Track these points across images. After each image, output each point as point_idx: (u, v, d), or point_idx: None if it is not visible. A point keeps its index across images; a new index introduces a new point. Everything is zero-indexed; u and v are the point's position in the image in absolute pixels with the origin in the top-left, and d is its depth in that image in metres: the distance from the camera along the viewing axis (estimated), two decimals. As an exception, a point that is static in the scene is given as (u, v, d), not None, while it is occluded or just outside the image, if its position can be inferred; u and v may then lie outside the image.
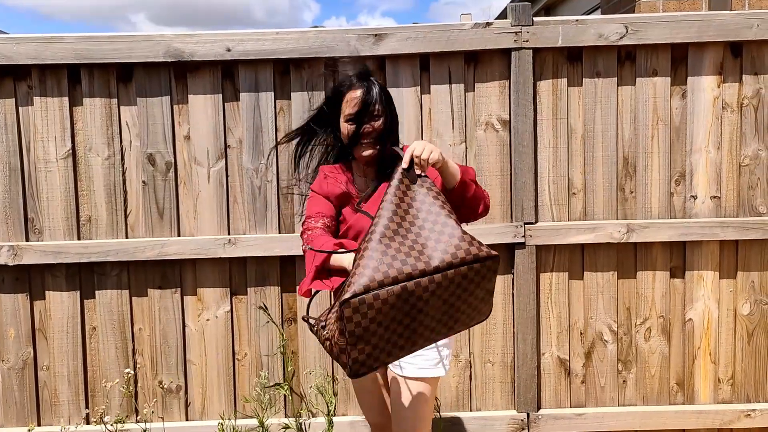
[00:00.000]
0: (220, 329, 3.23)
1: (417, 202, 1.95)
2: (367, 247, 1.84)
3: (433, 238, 1.89)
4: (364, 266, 1.79)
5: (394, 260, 1.81)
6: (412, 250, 1.85)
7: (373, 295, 1.75)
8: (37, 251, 3.10)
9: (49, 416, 3.23)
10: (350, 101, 2.21)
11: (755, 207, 3.19)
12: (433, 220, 1.92)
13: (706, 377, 3.28)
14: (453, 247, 1.87)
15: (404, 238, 1.88)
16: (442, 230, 1.90)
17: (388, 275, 1.77)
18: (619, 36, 3.07)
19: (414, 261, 1.82)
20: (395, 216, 1.91)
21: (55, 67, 3.08)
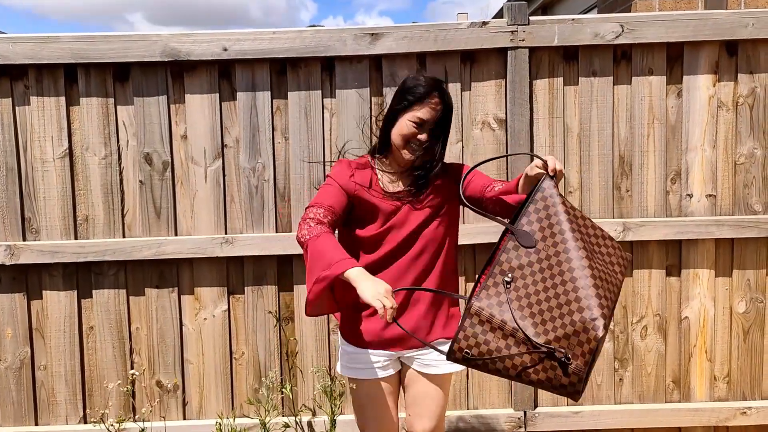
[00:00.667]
0: (217, 328, 3.23)
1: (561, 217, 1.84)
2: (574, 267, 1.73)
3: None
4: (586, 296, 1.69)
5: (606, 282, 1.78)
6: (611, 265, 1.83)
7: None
8: (34, 251, 3.10)
9: (46, 416, 3.23)
10: (426, 106, 2.17)
11: (751, 205, 3.20)
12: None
13: (702, 375, 3.29)
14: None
15: (597, 253, 1.82)
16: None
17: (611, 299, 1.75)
18: (614, 35, 3.08)
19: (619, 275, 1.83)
20: (577, 232, 1.81)
21: (52, 67, 3.08)
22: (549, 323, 1.70)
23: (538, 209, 1.83)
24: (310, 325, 3.23)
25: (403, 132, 2.19)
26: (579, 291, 1.69)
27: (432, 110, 2.17)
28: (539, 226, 1.82)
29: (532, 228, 1.81)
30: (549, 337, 1.69)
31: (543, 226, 1.81)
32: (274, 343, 3.24)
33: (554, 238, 1.78)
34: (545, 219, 1.82)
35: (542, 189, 1.85)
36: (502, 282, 1.78)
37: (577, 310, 1.68)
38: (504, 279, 1.78)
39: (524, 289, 1.75)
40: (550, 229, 1.80)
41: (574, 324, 1.66)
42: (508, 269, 1.78)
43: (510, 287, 1.76)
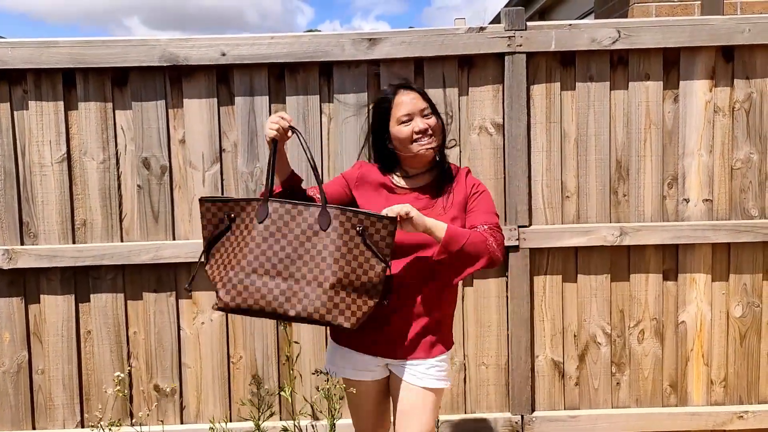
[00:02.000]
0: (215, 332, 3.23)
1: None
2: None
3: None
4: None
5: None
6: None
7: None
8: (32, 255, 3.10)
9: (43, 420, 3.23)
10: (400, 105, 2.23)
11: (747, 210, 3.21)
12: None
13: (699, 379, 3.29)
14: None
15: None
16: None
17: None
18: (611, 40, 3.10)
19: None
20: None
21: (51, 72, 3.09)
22: (213, 268, 2.22)
23: (288, 211, 2.10)
24: (308, 329, 3.23)
25: (402, 135, 2.22)
26: (231, 266, 2.11)
27: (409, 101, 2.23)
28: (273, 218, 2.10)
29: (271, 212, 2.10)
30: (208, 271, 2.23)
31: (272, 219, 2.10)
32: (271, 347, 3.24)
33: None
34: (278, 218, 2.09)
35: (306, 207, 2.10)
36: (225, 215, 2.16)
37: (225, 278, 2.13)
38: (226, 214, 2.15)
39: (225, 235, 2.17)
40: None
41: (213, 276, 2.19)
42: (236, 213, 2.14)
43: (226, 226, 2.17)
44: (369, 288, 2.06)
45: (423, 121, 2.22)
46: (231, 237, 2.13)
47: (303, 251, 2.05)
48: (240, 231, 2.11)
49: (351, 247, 2.05)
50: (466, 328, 3.26)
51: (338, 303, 2.03)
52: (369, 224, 2.05)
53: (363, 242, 2.05)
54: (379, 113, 2.30)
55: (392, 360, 2.28)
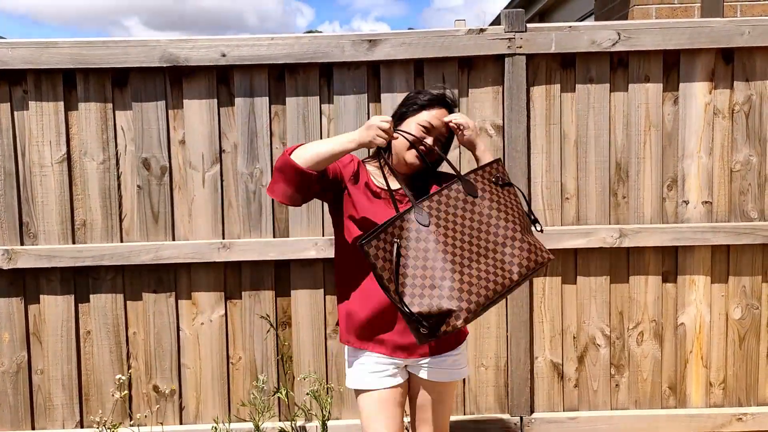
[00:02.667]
0: (214, 333, 3.23)
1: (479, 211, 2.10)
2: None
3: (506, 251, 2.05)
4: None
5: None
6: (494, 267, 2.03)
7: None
8: (32, 255, 3.10)
9: (43, 420, 3.23)
10: (436, 115, 2.19)
11: (746, 212, 3.21)
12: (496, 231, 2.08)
13: (698, 381, 3.30)
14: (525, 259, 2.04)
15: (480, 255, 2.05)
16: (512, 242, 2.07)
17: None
18: (611, 42, 3.10)
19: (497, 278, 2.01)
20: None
21: (51, 72, 3.09)
22: (418, 298, 1.94)
23: (439, 202, 2.06)
24: (307, 330, 3.23)
25: (410, 131, 2.18)
26: (435, 280, 1.95)
27: (443, 120, 2.21)
28: (434, 215, 2.04)
29: (429, 212, 2.04)
30: (421, 309, 1.93)
31: (434, 217, 2.03)
32: (271, 348, 3.24)
33: (435, 232, 2.02)
34: (438, 212, 2.04)
35: (449, 188, 2.09)
36: (390, 242, 1.99)
37: (446, 297, 1.93)
38: (393, 240, 1.99)
39: (404, 258, 1.99)
40: (438, 222, 2.04)
41: (438, 308, 1.92)
42: (398, 236, 2.00)
43: (399, 251, 1.99)
44: (527, 222, 2.14)
45: (430, 142, 2.19)
46: (410, 260, 1.99)
47: (477, 224, 2.04)
48: (415, 247, 1.99)
49: (502, 197, 2.11)
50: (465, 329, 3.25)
51: (532, 243, 2.06)
52: (496, 171, 2.14)
53: (503, 187, 2.13)
54: (405, 107, 2.25)
55: (412, 360, 2.25)
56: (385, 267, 1.96)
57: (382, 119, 2.05)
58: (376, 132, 2.03)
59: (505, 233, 2.04)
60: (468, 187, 2.08)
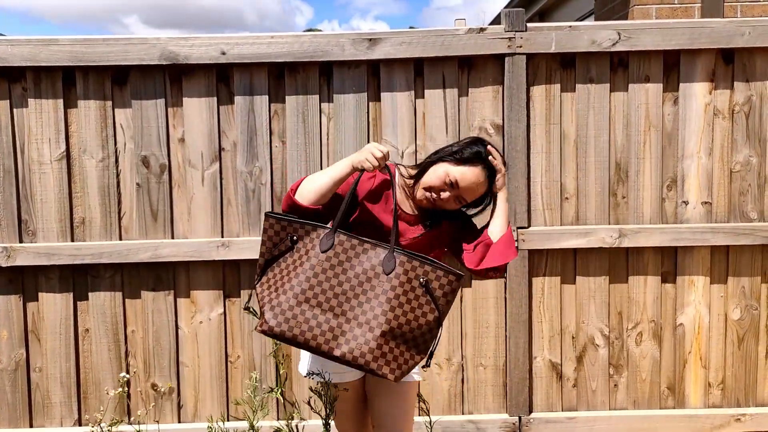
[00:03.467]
0: (213, 332, 3.23)
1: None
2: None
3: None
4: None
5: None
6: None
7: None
8: (31, 253, 3.10)
9: (41, 418, 3.22)
10: (469, 176, 2.11)
11: (746, 213, 3.21)
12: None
13: (697, 382, 3.30)
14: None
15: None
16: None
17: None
18: (611, 42, 3.10)
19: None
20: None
21: (50, 69, 3.08)
22: (264, 289, 2.10)
23: (352, 245, 2.03)
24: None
25: (438, 173, 2.12)
26: (282, 289, 2.04)
27: (477, 180, 2.11)
28: (336, 249, 2.04)
29: (334, 243, 2.04)
30: (258, 294, 2.09)
31: (333, 251, 2.03)
32: (269, 346, 3.24)
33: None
34: (341, 250, 2.04)
35: (373, 244, 2.03)
36: (287, 235, 2.07)
37: (269, 307, 2.04)
38: (289, 235, 2.07)
39: (283, 258, 2.09)
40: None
41: (262, 298, 2.07)
42: (299, 235, 2.07)
43: (289, 247, 2.08)
44: (419, 342, 2.00)
45: (450, 198, 2.13)
46: (288, 259, 2.04)
47: (360, 291, 1.97)
48: (299, 255, 2.03)
49: (410, 297, 1.97)
50: (464, 329, 3.26)
51: (386, 352, 1.95)
52: (434, 277, 1.98)
53: (423, 293, 1.98)
54: (452, 147, 2.18)
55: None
56: (266, 249, 2.07)
57: (377, 146, 2.03)
58: (367, 156, 2.02)
59: (368, 318, 1.95)
60: (387, 262, 1.98)
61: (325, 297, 1.97)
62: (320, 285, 1.98)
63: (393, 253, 1.99)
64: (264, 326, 2.00)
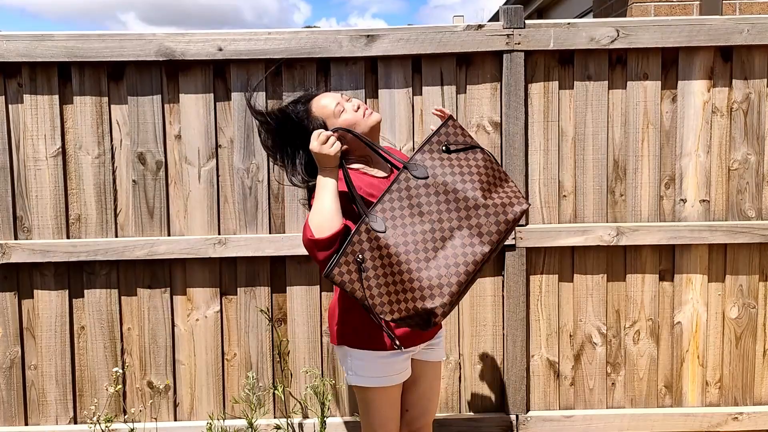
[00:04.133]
0: (209, 329, 3.22)
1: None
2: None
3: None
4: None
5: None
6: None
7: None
8: (26, 250, 3.08)
9: (36, 416, 3.21)
10: (324, 106, 2.23)
11: (744, 211, 3.21)
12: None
13: (694, 380, 3.29)
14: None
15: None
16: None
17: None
18: (610, 39, 3.09)
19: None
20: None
21: (46, 65, 3.06)
22: (395, 304, 1.93)
23: (391, 200, 2.00)
24: (302, 327, 3.22)
25: (351, 120, 2.21)
26: (415, 281, 1.90)
27: (330, 98, 2.25)
28: (388, 217, 1.98)
29: (383, 216, 1.99)
30: (394, 316, 1.94)
31: (389, 219, 1.98)
32: (266, 344, 3.23)
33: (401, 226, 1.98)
34: (392, 212, 1.99)
35: (398, 181, 2.03)
36: (354, 261, 1.97)
37: (419, 298, 1.89)
38: (356, 258, 1.97)
39: (373, 270, 1.96)
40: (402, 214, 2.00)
41: (416, 310, 1.90)
42: (359, 250, 1.97)
43: (362, 267, 1.96)
44: (496, 171, 2.06)
45: (352, 103, 2.23)
46: (378, 270, 1.96)
47: (437, 206, 1.98)
48: (379, 254, 1.96)
49: (457, 164, 2.03)
50: (462, 327, 3.25)
51: (502, 201, 2.00)
52: (445, 137, 2.07)
53: (456, 151, 2.06)
54: (304, 123, 2.22)
55: (419, 346, 2.31)
56: (355, 288, 1.96)
57: (314, 138, 2.06)
58: (319, 149, 2.05)
59: (466, 205, 1.97)
60: (417, 171, 2.02)
61: (426, 245, 1.94)
62: (414, 246, 1.94)
63: (407, 165, 2.03)
64: (435, 317, 1.90)
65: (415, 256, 1.92)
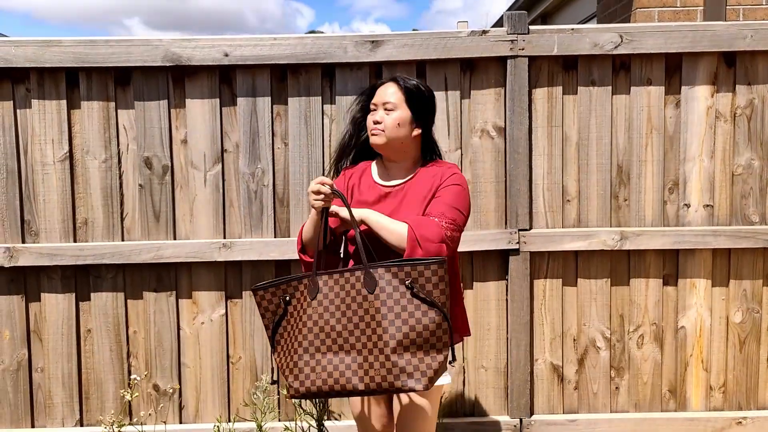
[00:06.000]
0: (214, 333, 3.23)
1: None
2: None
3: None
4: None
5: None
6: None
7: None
8: (33, 253, 3.11)
9: (42, 418, 3.23)
10: (377, 94, 2.28)
11: (748, 216, 3.21)
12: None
13: (698, 384, 3.29)
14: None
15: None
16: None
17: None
18: (614, 45, 3.10)
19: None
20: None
21: (54, 71, 3.09)
22: (281, 355, 2.14)
23: (336, 281, 2.07)
24: (307, 331, 3.23)
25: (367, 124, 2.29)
26: (296, 356, 2.05)
27: (380, 92, 2.26)
28: (323, 291, 2.06)
29: (321, 286, 2.07)
30: (278, 360, 2.15)
31: (323, 293, 2.06)
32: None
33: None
34: (329, 291, 2.07)
35: (351, 272, 2.05)
36: (280, 297, 2.11)
37: (290, 372, 2.08)
38: (282, 297, 2.11)
39: (288, 315, 2.12)
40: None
41: (286, 376, 2.10)
42: (290, 294, 2.11)
43: (285, 308, 2.12)
44: (433, 342, 1.96)
45: (380, 114, 2.23)
46: (291, 320, 2.07)
47: (358, 319, 1.98)
48: (297, 312, 2.06)
49: (404, 304, 1.96)
50: (466, 331, 3.25)
51: (404, 366, 1.93)
52: (417, 275, 1.96)
53: (413, 295, 1.96)
54: (363, 103, 2.35)
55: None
56: (266, 317, 2.11)
57: (318, 182, 2.09)
58: (313, 198, 2.10)
59: (377, 341, 1.96)
60: (369, 280, 1.99)
61: (332, 339, 2.00)
62: (323, 330, 2.01)
63: (369, 271, 2.00)
64: (293, 392, 2.04)
65: (310, 340, 2.01)
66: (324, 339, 2.00)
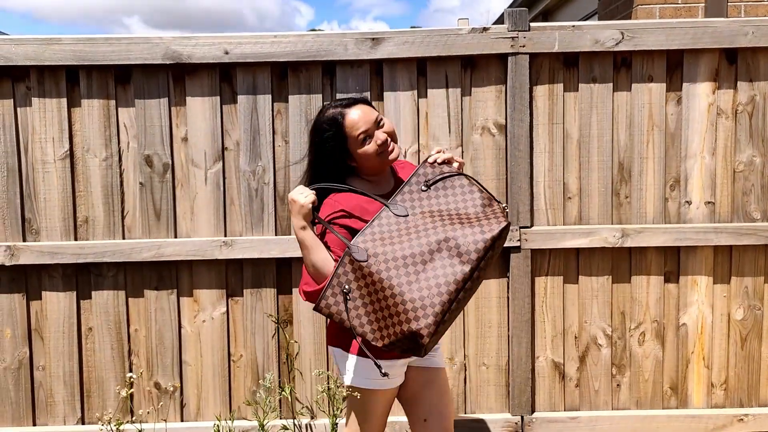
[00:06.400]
0: (215, 331, 3.24)
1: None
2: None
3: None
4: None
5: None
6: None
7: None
8: (34, 251, 3.11)
9: (44, 416, 3.23)
10: (353, 125, 2.18)
11: (749, 213, 3.21)
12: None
13: (700, 382, 3.29)
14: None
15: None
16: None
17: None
18: (615, 42, 3.09)
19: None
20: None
21: (54, 69, 3.09)
22: (384, 330, 1.98)
23: (373, 234, 2.08)
24: (308, 329, 3.23)
25: (370, 152, 2.20)
26: (400, 305, 1.95)
27: (361, 117, 2.19)
28: (370, 248, 2.04)
29: (365, 246, 2.05)
30: (385, 341, 1.98)
31: (371, 249, 2.04)
32: (272, 346, 3.24)
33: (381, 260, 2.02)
34: (373, 243, 2.05)
35: (379, 216, 2.12)
36: (340, 292, 2.03)
37: (405, 320, 1.93)
38: (342, 290, 2.03)
39: (360, 299, 2.02)
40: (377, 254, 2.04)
41: (403, 333, 1.94)
42: (345, 281, 2.04)
43: (349, 296, 2.03)
44: (484, 194, 2.15)
45: (381, 132, 2.20)
46: (365, 293, 2.02)
47: (414, 236, 2.03)
48: (366, 283, 2.01)
49: (440, 194, 2.16)
50: (467, 328, 3.26)
51: (476, 221, 2.06)
52: (423, 178, 2.16)
53: (435, 184, 2.16)
54: (333, 138, 2.21)
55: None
56: (344, 318, 2.04)
57: (299, 192, 2.15)
58: (294, 207, 2.13)
59: (444, 228, 2.03)
60: (397, 210, 2.11)
61: (407, 269, 1.99)
62: (396, 272, 1.99)
63: (388, 205, 2.12)
64: (427, 331, 1.93)
65: (398, 281, 1.97)
66: (407, 268, 1.98)
